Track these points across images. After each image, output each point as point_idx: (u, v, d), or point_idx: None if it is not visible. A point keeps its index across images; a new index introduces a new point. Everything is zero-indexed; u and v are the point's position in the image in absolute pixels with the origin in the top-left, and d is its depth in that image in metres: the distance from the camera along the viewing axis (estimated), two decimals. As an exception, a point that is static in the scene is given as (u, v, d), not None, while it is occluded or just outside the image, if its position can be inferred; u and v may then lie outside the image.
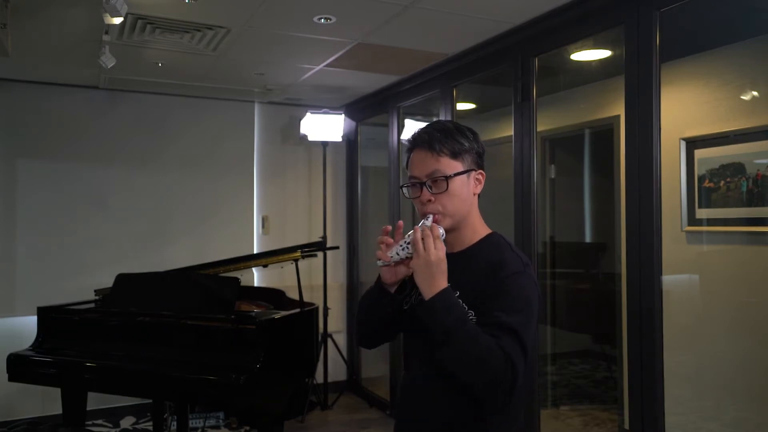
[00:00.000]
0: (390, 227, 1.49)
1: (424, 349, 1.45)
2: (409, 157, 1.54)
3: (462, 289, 1.43)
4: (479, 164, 1.53)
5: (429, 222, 1.44)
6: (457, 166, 1.48)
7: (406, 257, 1.43)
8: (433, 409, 1.48)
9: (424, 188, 1.47)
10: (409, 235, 1.43)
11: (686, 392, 3.37)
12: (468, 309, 1.40)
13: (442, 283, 1.38)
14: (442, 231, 1.43)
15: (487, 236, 1.54)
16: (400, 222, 1.49)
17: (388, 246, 1.46)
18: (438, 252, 1.38)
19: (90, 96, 4.67)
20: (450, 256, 1.49)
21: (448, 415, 1.45)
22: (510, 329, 1.33)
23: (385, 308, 1.52)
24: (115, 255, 4.57)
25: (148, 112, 4.86)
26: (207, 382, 2.95)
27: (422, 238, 1.39)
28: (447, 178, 1.46)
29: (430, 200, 1.47)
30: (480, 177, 1.53)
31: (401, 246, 1.44)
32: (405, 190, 1.53)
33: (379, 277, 1.51)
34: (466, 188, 1.49)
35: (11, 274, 4.46)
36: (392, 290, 1.51)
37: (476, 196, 1.53)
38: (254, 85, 4.65)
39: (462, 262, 1.50)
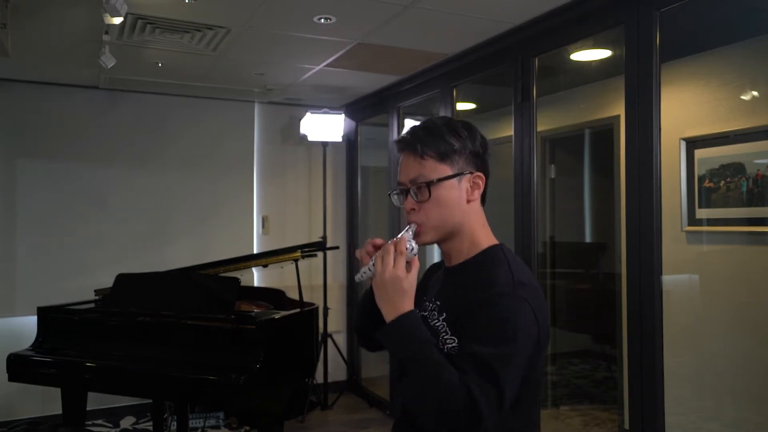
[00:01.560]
0: (377, 241, 1.36)
1: None
2: (399, 161, 1.37)
3: (449, 311, 1.29)
4: (477, 165, 1.34)
5: (410, 233, 1.30)
6: (444, 169, 1.30)
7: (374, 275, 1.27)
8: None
9: (409, 195, 1.32)
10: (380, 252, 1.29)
11: (686, 392, 3.37)
12: (451, 335, 1.24)
13: (403, 306, 1.21)
14: (411, 245, 1.27)
15: (487, 249, 1.34)
16: (377, 239, 1.36)
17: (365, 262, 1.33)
18: (396, 270, 1.21)
19: (90, 96, 4.67)
20: (446, 271, 1.38)
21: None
22: (482, 363, 1.13)
23: (373, 315, 1.35)
24: (115, 255, 4.57)
25: (148, 112, 4.86)
26: (207, 382, 2.95)
27: (383, 256, 1.24)
28: (428, 184, 1.29)
29: (413, 209, 1.32)
30: (478, 181, 1.33)
31: (372, 262, 1.29)
32: (394, 197, 1.38)
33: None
34: (456, 194, 1.31)
35: (11, 274, 4.46)
36: None
37: (473, 203, 1.34)
38: (254, 85, 4.65)
39: (455, 279, 1.34)
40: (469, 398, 1.11)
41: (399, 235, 1.29)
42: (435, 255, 3.82)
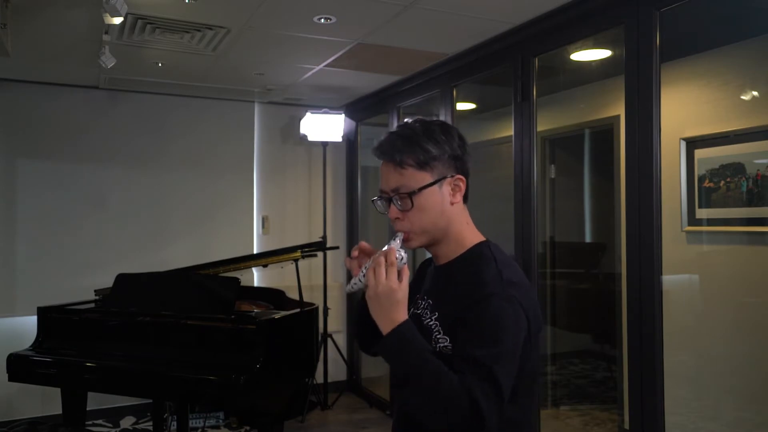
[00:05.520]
0: (356, 251, 1.37)
1: None
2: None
3: (440, 311, 1.31)
4: (457, 168, 1.34)
5: (398, 241, 1.31)
6: (424, 177, 1.30)
7: (365, 286, 1.29)
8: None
9: (392, 204, 1.34)
10: (369, 263, 1.30)
11: (686, 392, 3.37)
12: (443, 334, 1.27)
13: (397, 316, 1.23)
14: (401, 255, 1.28)
15: (473, 247, 1.36)
16: (362, 243, 1.39)
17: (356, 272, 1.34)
18: (389, 283, 1.23)
19: (90, 96, 4.67)
20: (435, 270, 1.41)
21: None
22: (478, 365, 1.17)
23: (371, 325, 1.35)
24: (115, 255, 4.57)
25: (148, 112, 4.86)
26: (207, 382, 2.95)
27: (374, 268, 1.25)
28: (410, 194, 1.30)
29: (398, 218, 1.33)
30: (459, 183, 1.34)
31: (362, 273, 1.31)
32: (377, 204, 1.39)
33: None
34: (438, 200, 1.32)
35: (11, 274, 4.46)
36: None
37: (456, 205, 1.35)
38: (254, 85, 4.65)
39: (444, 278, 1.37)
40: (471, 399, 1.15)
41: (387, 245, 1.30)
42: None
